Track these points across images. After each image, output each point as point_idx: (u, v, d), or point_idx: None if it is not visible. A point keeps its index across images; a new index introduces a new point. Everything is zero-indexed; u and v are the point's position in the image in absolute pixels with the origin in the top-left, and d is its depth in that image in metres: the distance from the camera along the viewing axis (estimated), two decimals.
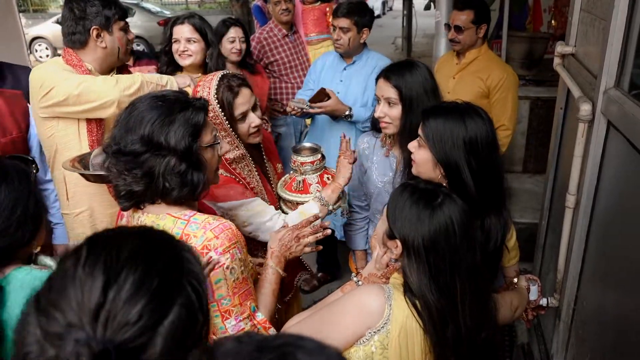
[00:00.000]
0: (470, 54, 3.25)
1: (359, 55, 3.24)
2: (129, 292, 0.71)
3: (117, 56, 2.42)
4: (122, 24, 2.40)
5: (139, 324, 0.69)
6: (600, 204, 1.96)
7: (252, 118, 2.04)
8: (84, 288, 0.71)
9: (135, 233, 0.83)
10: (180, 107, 1.43)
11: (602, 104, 1.87)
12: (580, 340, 2.10)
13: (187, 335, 0.75)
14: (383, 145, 2.24)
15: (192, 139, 1.42)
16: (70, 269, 0.74)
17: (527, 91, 4.82)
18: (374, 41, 14.95)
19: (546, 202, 2.79)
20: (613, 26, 1.78)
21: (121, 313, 0.69)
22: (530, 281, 1.97)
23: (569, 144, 2.38)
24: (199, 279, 0.80)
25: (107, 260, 0.74)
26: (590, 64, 2.13)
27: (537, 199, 4.01)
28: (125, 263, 0.74)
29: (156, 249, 0.79)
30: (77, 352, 0.66)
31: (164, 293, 0.74)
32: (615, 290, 1.79)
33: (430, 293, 1.36)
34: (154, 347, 0.70)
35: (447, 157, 1.65)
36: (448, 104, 1.77)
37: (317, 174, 2.17)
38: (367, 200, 2.38)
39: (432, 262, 1.37)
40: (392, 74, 2.03)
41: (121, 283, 0.71)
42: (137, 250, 0.77)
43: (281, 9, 3.94)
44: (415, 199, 1.43)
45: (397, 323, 1.36)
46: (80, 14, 2.27)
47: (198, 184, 1.45)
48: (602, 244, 1.95)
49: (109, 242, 0.79)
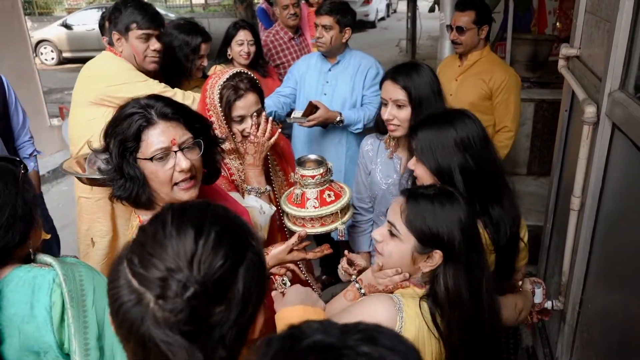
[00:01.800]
0: (472, 55, 3.24)
1: (342, 54, 3.25)
2: (214, 241, 0.85)
3: (136, 62, 2.57)
4: (139, 33, 2.51)
5: (225, 265, 0.84)
6: (605, 206, 1.95)
7: (249, 124, 2.02)
8: (178, 240, 0.85)
9: (199, 204, 0.97)
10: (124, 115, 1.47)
11: (607, 107, 1.87)
12: (586, 343, 2.09)
13: (259, 277, 0.90)
14: (387, 147, 2.23)
15: (124, 150, 1.45)
16: (159, 230, 0.87)
17: (532, 93, 4.81)
18: (378, 43, 15.04)
19: (551, 204, 2.78)
20: (618, 28, 1.77)
21: (210, 257, 0.84)
22: (535, 284, 1.96)
23: (573, 147, 2.37)
24: (256, 238, 0.95)
25: (192, 219, 0.89)
26: (595, 66, 2.13)
27: (541, 201, 3.99)
28: (206, 220, 0.89)
29: (223, 213, 0.95)
30: (183, 287, 0.80)
31: (239, 242, 0.90)
32: (620, 293, 1.78)
33: (467, 295, 1.34)
34: (237, 284, 0.85)
35: (439, 165, 1.64)
36: (432, 113, 1.79)
37: (318, 189, 2.08)
38: (371, 202, 2.37)
39: (471, 259, 1.35)
40: (400, 75, 2.02)
41: (206, 235, 0.86)
42: (212, 211, 0.93)
43: (289, 13, 3.96)
44: (438, 200, 1.39)
45: (410, 335, 1.32)
46: (109, 18, 2.58)
47: (132, 194, 1.49)
48: (607, 246, 1.94)
49: (186, 208, 0.94)
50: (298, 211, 2.07)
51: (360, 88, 3.19)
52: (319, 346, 0.67)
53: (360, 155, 2.35)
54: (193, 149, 1.50)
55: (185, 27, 3.03)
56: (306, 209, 2.07)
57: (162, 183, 1.47)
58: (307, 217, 2.06)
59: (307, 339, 0.68)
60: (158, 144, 1.43)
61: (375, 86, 3.22)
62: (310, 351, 0.66)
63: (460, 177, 1.63)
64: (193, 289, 0.80)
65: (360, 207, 2.42)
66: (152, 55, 2.58)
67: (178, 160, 1.45)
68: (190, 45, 2.98)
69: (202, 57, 3.09)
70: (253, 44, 3.38)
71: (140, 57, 2.55)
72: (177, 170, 1.46)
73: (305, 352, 0.67)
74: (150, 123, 1.43)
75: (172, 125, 1.45)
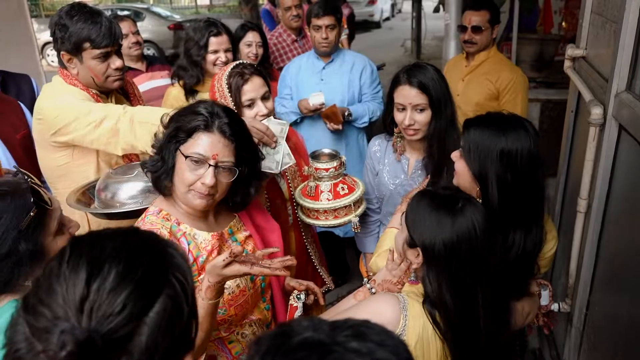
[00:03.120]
0: (479, 56, 3.23)
1: (336, 53, 3.32)
2: (113, 283, 0.74)
3: (95, 85, 2.14)
4: (95, 53, 2.05)
5: (123, 313, 0.72)
6: (612, 208, 1.94)
7: (260, 107, 2.05)
8: (68, 283, 0.74)
9: (118, 232, 0.85)
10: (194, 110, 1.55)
11: (614, 108, 1.85)
12: (593, 346, 2.07)
13: (173, 325, 0.78)
14: (395, 149, 2.23)
15: (174, 136, 1.53)
16: (55, 268, 0.77)
17: (538, 93, 4.79)
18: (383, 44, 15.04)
19: (557, 205, 2.77)
20: (624, 28, 1.76)
21: (105, 303, 0.72)
22: (541, 286, 1.95)
23: (580, 147, 2.36)
24: (184, 273, 0.83)
25: (90, 255, 0.77)
26: (601, 66, 2.12)
27: (548, 201, 3.96)
28: (108, 257, 0.77)
29: (139, 245, 0.82)
30: (63, 341, 0.69)
31: (149, 284, 0.77)
32: (628, 296, 1.77)
33: (450, 300, 1.34)
34: (141, 335, 0.73)
35: (479, 169, 1.61)
36: (494, 114, 1.70)
37: (332, 182, 2.13)
38: (378, 203, 2.37)
39: (453, 268, 1.35)
40: (416, 79, 2.00)
41: (104, 275, 0.74)
42: (120, 246, 0.80)
43: (292, 15, 3.97)
44: (435, 205, 1.40)
45: (414, 334, 1.34)
46: (54, 35, 2.08)
47: (156, 172, 1.57)
48: (614, 249, 1.93)
49: (92, 240, 0.81)
50: (312, 203, 2.12)
51: (356, 85, 3.27)
52: (308, 342, 0.67)
53: (368, 156, 2.36)
54: (227, 172, 1.54)
55: (197, 24, 2.93)
56: (320, 201, 2.11)
57: (182, 182, 1.52)
58: (321, 209, 2.11)
59: (297, 336, 0.68)
60: (200, 149, 1.49)
61: (374, 82, 3.34)
62: (300, 348, 0.66)
63: (496, 189, 1.58)
64: (75, 341, 0.70)
65: (367, 207, 2.42)
66: (115, 75, 2.14)
67: (206, 174, 1.49)
68: (193, 40, 2.85)
69: (216, 52, 2.83)
70: (261, 45, 3.38)
71: (100, 79, 2.11)
72: (200, 182, 1.50)
73: (295, 349, 0.66)
74: (207, 129, 1.50)
75: (223, 142, 1.51)
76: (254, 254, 1.52)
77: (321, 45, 3.22)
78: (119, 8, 13.82)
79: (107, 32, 2.05)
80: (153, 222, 1.56)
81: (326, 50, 3.23)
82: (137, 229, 0.89)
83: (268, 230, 1.84)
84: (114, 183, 1.96)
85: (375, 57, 8.73)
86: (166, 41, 13.15)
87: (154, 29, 13.23)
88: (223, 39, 2.83)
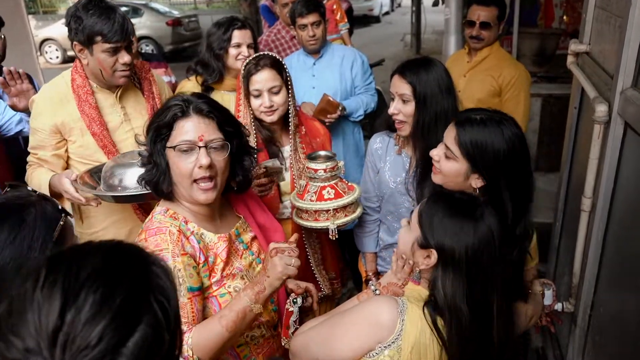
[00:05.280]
0: (481, 52, 3.18)
1: (325, 48, 3.33)
2: (89, 313, 0.68)
3: (103, 77, 2.23)
4: (105, 47, 2.13)
5: (99, 346, 0.66)
6: (617, 207, 1.90)
7: (265, 99, 2.15)
8: (41, 312, 0.68)
9: (99, 249, 0.79)
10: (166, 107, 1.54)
11: (619, 105, 1.82)
12: (598, 346, 2.05)
13: (153, 356, 0.72)
14: (396, 144, 2.21)
15: (157, 136, 1.51)
16: (29, 291, 0.71)
17: (539, 88, 4.76)
18: (382, 38, 15.02)
19: (560, 203, 2.73)
20: (630, 23, 1.72)
21: (80, 336, 0.66)
22: (545, 285, 1.93)
23: (583, 145, 2.32)
24: (167, 295, 0.77)
25: (66, 280, 0.70)
26: (606, 63, 2.08)
27: (550, 197, 3.93)
28: (85, 282, 0.70)
29: (120, 265, 0.76)
30: None
31: (128, 312, 0.71)
32: (635, 296, 1.74)
33: (465, 307, 1.32)
34: None
35: (489, 171, 1.60)
36: (480, 111, 1.68)
37: (320, 184, 2.11)
38: (378, 201, 2.34)
39: (472, 274, 1.33)
40: (407, 70, 2.02)
41: (80, 304, 0.68)
42: (99, 268, 0.74)
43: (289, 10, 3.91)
44: (455, 209, 1.39)
45: (410, 339, 1.32)
46: (68, 25, 2.18)
47: (153, 180, 1.54)
48: (619, 248, 1.90)
49: (69, 261, 0.75)
50: (296, 200, 2.13)
51: (349, 77, 3.29)
52: None
53: (369, 153, 2.32)
54: (220, 150, 1.52)
55: (221, 20, 2.89)
56: (303, 200, 2.10)
57: (182, 176, 1.49)
58: (303, 208, 2.10)
59: None
60: (185, 136, 1.47)
61: (366, 74, 3.36)
62: None
63: (507, 192, 1.59)
64: None
65: (367, 206, 2.39)
66: (122, 70, 2.21)
67: (199, 156, 1.47)
68: (216, 34, 2.80)
69: (239, 46, 2.78)
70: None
71: (108, 73, 2.19)
72: (197, 166, 1.47)
73: None
74: (185, 115, 1.49)
75: (204, 122, 1.49)
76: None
77: (309, 43, 3.24)
78: (118, 4, 13.73)
79: (119, 28, 2.13)
80: (162, 221, 1.53)
81: (315, 47, 3.25)
82: (121, 243, 0.82)
83: (272, 231, 1.83)
84: (121, 167, 2.02)
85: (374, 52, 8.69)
86: (165, 37, 13.11)
87: (152, 25, 13.19)
88: (246, 33, 2.79)
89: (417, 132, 2.01)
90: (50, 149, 2.26)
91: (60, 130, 2.24)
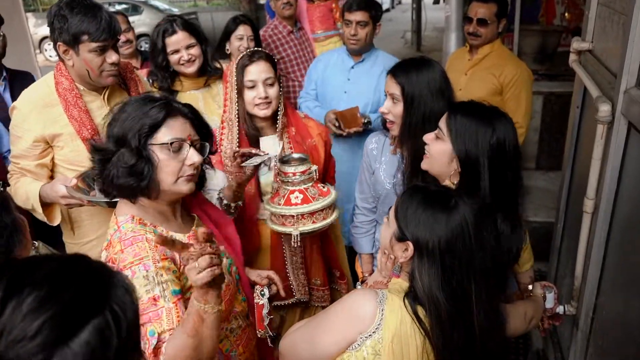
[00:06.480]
0: (483, 49, 3.14)
1: (369, 53, 3.14)
2: (31, 306, 0.68)
3: (89, 78, 2.14)
4: (92, 46, 2.04)
5: (36, 339, 0.66)
6: (621, 209, 1.87)
7: (260, 90, 2.13)
8: None
9: (61, 257, 0.80)
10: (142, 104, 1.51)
11: (623, 105, 1.78)
12: (600, 350, 2.01)
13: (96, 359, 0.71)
14: (392, 143, 2.18)
15: (144, 135, 1.47)
16: None
17: (540, 86, 4.72)
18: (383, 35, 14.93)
19: (562, 204, 2.70)
20: (634, 21, 1.68)
21: (19, 327, 0.67)
22: (546, 288, 1.91)
23: (586, 145, 2.29)
24: (124, 307, 0.77)
25: (14, 276, 0.71)
26: (610, 61, 2.04)
27: (551, 196, 3.91)
28: (34, 279, 0.71)
29: (76, 271, 0.77)
30: None
31: (74, 312, 0.70)
32: (638, 299, 1.70)
33: (442, 296, 1.34)
34: None
35: (468, 154, 1.64)
36: (476, 103, 1.75)
37: (289, 188, 2.04)
38: (374, 202, 2.31)
39: (447, 264, 1.35)
40: (399, 70, 2.02)
41: (23, 297, 0.68)
42: (53, 269, 0.74)
43: (282, 2, 3.86)
44: (429, 201, 1.41)
45: (390, 329, 1.33)
46: (52, 25, 2.08)
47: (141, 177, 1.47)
48: (623, 250, 1.86)
49: (25, 265, 0.76)
50: (267, 202, 2.10)
51: (383, 90, 3.11)
52: None
53: (365, 154, 2.30)
54: (199, 150, 1.58)
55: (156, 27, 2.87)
56: (273, 203, 2.06)
57: (171, 173, 1.50)
58: (271, 211, 2.06)
59: None
60: (177, 134, 1.50)
61: None
62: None
63: (487, 176, 1.62)
64: None
65: (363, 207, 2.36)
66: (110, 69, 2.13)
67: (190, 155, 1.52)
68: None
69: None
70: (253, 39, 3.31)
71: (95, 73, 2.10)
72: (187, 164, 1.51)
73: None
74: (171, 115, 1.51)
75: (188, 124, 1.55)
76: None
77: (350, 42, 3.06)
78: (117, 2, 13.68)
79: (106, 26, 2.05)
80: (135, 230, 1.48)
81: (354, 47, 3.06)
82: (86, 257, 0.81)
83: (224, 225, 1.84)
84: None
85: None
86: None
87: (152, 23, 13.09)
88: (179, 37, 2.72)
89: (405, 133, 2.00)
90: (32, 159, 2.17)
91: (46, 139, 2.15)
